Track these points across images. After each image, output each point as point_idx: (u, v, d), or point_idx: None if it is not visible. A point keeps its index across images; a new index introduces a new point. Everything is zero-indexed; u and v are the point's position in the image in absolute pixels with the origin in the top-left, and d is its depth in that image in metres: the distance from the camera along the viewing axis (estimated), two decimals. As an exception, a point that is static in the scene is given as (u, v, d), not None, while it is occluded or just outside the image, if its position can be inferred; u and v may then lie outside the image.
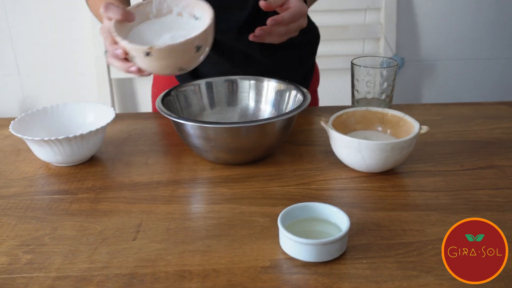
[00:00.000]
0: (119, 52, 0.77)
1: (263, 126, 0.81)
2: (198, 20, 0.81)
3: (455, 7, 2.00)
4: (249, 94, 1.01)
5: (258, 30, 0.85)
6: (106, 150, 0.96)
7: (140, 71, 0.79)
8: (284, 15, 0.84)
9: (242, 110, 1.01)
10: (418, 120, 0.87)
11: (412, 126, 0.86)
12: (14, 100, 2.06)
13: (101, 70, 1.92)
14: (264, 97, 1.00)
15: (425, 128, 0.84)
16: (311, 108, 1.14)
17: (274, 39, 0.88)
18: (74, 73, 2.02)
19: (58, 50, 1.99)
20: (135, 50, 0.75)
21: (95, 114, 0.98)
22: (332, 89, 1.98)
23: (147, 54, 0.73)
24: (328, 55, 1.86)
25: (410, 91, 2.10)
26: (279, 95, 0.98)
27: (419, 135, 0.83)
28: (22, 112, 2.06)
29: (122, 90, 2.06)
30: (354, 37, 1.94)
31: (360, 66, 0.93)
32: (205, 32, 0.74)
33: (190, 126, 0.83)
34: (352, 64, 0.95)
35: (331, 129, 0.84)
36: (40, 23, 1.94)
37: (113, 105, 1.98)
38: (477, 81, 2.12)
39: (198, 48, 0.75)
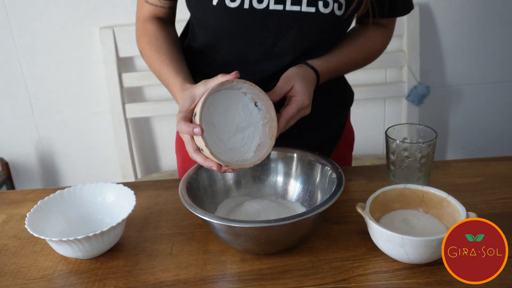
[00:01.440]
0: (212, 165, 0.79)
1: (297, 221, 0.75)
2: (258, 108, 0.85)
3: (479, 29, 1.91)
4: (277, 166, 0.95)
5: None
6: (127, 235, 0.91)
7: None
8: (288, 111, 0.86)
9: (270, 187, 0.94)
10: (461, 202, 0.79)
11: (457, 210, 0.79)
12: (29, 142, 2.03)
13: (116, 109, 1.87)
14: (294, 171, 0.94)
15: (472, 215, 0.77)
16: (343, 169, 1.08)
17: None
18: (89, 113, 1.98)
19: (71, 89, 1.94)
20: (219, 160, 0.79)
21: (115, 193, 0.92)
22: (357, 121, 1.92)
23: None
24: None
25: (436, 117, 2.02)
26: (309, 168, 0.92)
27: (466, 224, 0.76)
28: (37, 153, 2.03)
29: (139, 129, 2.01)
30: (376, 66, 1.86)
31: (395, 140, 0.86)
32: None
33: (216, 224, 0.77)
34: (387, 137, 0.88)
35: (370, 220, 0.77)
36: (53, 62, 1.90)
37: (129, 145, 1.93)
38: (506, 104, 2.03)
39: None
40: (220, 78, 0.79)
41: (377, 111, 2.02)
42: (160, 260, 0.84)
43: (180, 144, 1.15)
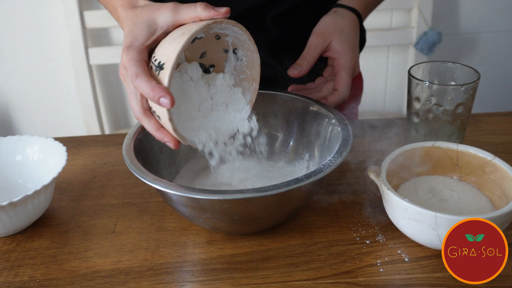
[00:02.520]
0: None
1: (285, 192, 0.52)
2: (237, 57, 0.61)
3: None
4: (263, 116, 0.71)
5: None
6: (58, 206, 0.68)
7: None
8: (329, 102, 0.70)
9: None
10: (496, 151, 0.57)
11: (510, 178, 0.56)
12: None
13: (77, 54, 1.61)
14: (283, 124, 0.70)
15: (532, 185, 0.55)
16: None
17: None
18: (46, 58, 1.71)
19: (24, 31, 1.67)
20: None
21: (41, 150, 0.69)
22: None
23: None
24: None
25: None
26: (304, 120, 0.68)
27: (524, 197, 0.54)
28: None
29: (105, 78, 1.74)
30: (380, 7, 1.59)
31: (423, 82, 0.63)
32: None
33: (172, 195, 0.54)
34: (411, 76, 0.64)
35: (389, 189, 0.55)
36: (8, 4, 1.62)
37: (94, 97, 1.67)
38: (524, 55, 1.79)
39: None
40: (203, 14, 0.53)
41: (379, 61, 1.77)
42: (97, 241, 0.61)
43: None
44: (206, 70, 0.63)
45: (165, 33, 0.54)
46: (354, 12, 0.76)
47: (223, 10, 0.52)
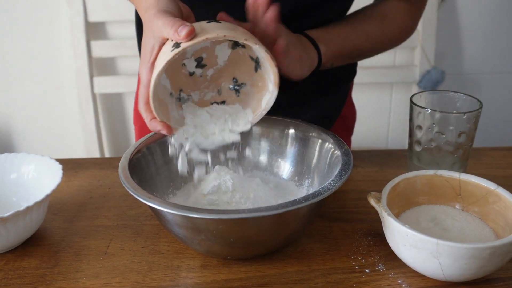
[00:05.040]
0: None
1: (284, 213, 0.51)
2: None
3: (504, 11, 1.68)
4: (259, 143, 0.71)
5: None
6: (52, 225, 0.66)
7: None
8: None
9: (247, 166, 0.70)
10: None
11: (513, 208, 0.55)
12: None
13: (82, 82, 1.62)
14: (282, 149, 0.70)
15: (537, 215, 0.53)
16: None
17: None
18: (52, 86, 1.72)
19: (32, 59, 1.69)
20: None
21: (36, 169, 0.68)
22: (357, 108, 1.67)
23: None
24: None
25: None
26: (303, 145, 0.68)
27: (529, 228, 0.53)
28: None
29: (109, 107, 1.75)
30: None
31: (425, 109, 0.62)
32: None
33: (166, 213, 0.52)
34: (413, 104, 0.64)
35: (389, 215, 0.53)
36: (11, 28, 1.65)
37: (97, 125, 1.67)
38: (528, 97, 1.80)
39: None
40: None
41: (383, 98, 1.77)
42: (88, 262, 0.60)
43: (138, 113, 0.91)
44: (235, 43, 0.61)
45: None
46: (315, 47, 0.70)
47: (183, 33, 0.51)
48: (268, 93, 0.61)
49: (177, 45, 0.52)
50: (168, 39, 0.54)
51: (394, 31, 0.78)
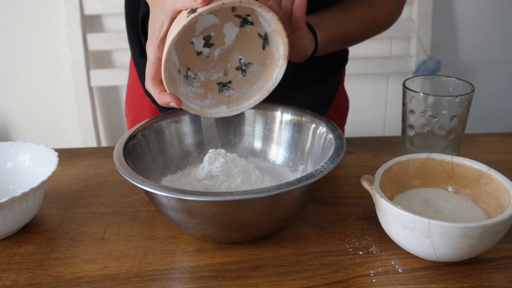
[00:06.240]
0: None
1: (278, 194, 0.51)
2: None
3: (498, 2, 1.68)
4: (254, 128, 0.71)
5: None
6: (48, 213, 0.67)
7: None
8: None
9: (242, 153, 0.71)
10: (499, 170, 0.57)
11: (504, 189, 0.56)
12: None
13: (78, 76, 1.62)
14: (276, 135, 0.70)
15: (528, 195, 0.54)
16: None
17: None
18: (48, 80, 1.72)
19: (27, 53, 1.69)
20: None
21: (32, 157, 0.68)
22: (354, 99, 1.67)
23: None
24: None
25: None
26: (297, 130, 0.68)
27: (520, 207, 0.53)
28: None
29: (106, 100, 1.75)
30: (379, 36, 1.61)
31: (418, 93, 0.63)
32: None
33: (161, 196, 0.53)
34: (406, 88, 0.64)
35: (382, 197, 0.54)
36: (6, 21, 1.65)
37: (94, 118, 1.68)
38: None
39: None
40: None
41: (379, 89, 1.77)
42: (85, 247, 0.60)
43: (130, 104, 0.91)
44: (244, 20, 0.62)
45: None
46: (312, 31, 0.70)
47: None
48: (277, 68, 0.61)
49: (192, 11, 0.52)
50: (179, 12, 0.54)
51: (383, 16, 0.79)
